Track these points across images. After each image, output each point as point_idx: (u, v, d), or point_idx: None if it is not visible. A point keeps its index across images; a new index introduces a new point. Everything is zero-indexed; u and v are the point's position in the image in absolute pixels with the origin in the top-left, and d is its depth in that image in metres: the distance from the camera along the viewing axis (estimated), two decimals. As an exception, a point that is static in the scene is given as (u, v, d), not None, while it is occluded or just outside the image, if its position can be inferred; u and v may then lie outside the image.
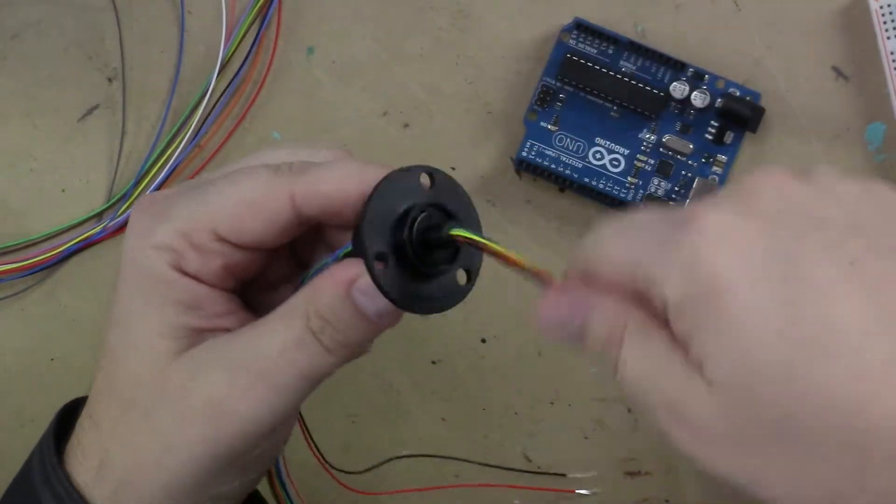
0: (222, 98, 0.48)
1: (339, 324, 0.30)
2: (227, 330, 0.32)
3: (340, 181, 0.30)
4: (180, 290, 0.31)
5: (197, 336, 0.31)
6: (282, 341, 0.30)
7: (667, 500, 0.49)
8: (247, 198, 0.31)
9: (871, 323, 0.23)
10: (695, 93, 0.47)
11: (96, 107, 0.49)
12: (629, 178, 0.47)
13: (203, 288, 0.31)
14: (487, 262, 0.31)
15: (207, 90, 0.48)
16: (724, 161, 0.47)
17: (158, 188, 0.48)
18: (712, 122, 0.47)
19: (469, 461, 0.49)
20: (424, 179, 0.31)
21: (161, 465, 0.31)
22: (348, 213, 0.30)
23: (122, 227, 0.48)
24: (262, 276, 0.34)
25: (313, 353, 0.30)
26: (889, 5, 0.45)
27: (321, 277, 0.30)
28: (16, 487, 0.34)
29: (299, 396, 0.31)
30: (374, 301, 0.30)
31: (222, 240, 0.31)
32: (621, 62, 0.47)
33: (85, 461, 0.32)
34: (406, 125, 0.49)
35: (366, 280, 0.30)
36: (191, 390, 0.30)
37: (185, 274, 0.31)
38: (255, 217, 0.31)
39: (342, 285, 0.30)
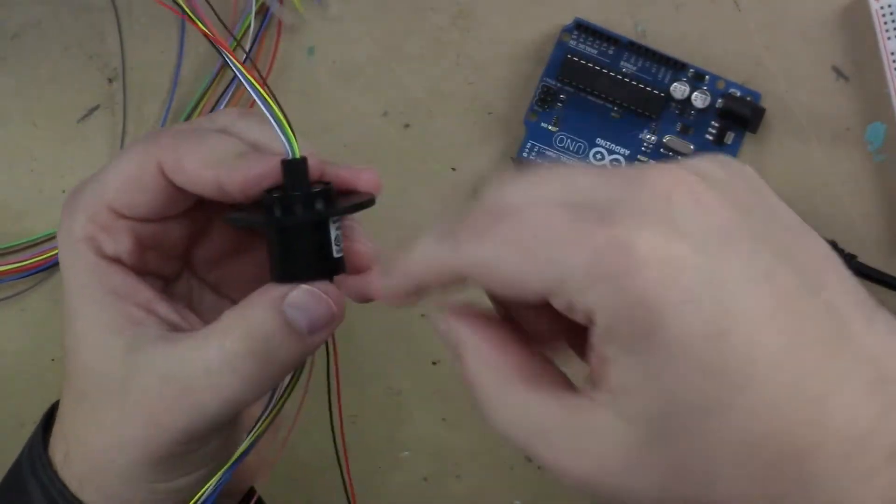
0: (222, 99, 0.48)
1: (269, 343, 0.30)
2: (160, 317, 0.32)
3: (201, 167, 0.31)
4: (109, 277, 0.32)
5: (136, 327, 0.32)
6: (207, 361, 0.30)
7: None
8: (125, 172, 0.31)
9: (789, 343, 0.23)
10: (695, 93, 0.47)
11: (96, 107, 0.49)
12: (629, 179, 0.47)
13: (129, 274, 0.32)
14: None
15: (208, 91, 0.48)
16: (725, 161, 0.47)
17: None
18: (713, 122, 0.47)
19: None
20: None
21: (108, 459, 0.32)
22: (214, 195, 0.31)
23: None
24: (207, 248, 0.35)
25: (237, 378, 0.30)
26: (889, 5, 0.45)
27: (254, 294, 0.30)
28: (8, 478, 0.35)
29: (224, 415, 0.31)
30: (308, 313, 0.30)
31: (122, 216, 0.32)
32: (622, 62, 0.47)
33: (56, 452, 0.33)
34: (406, 125, 0.49)
35: (300, 293, 0.29)
36: (129, 392, 0.31)
37: (108, 258, 0.32)
38: (137, 189, 0.31)
39: (275, 300, 0.30)
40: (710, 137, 0.47)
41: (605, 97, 0.47)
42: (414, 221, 0.48)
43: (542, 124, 0.47)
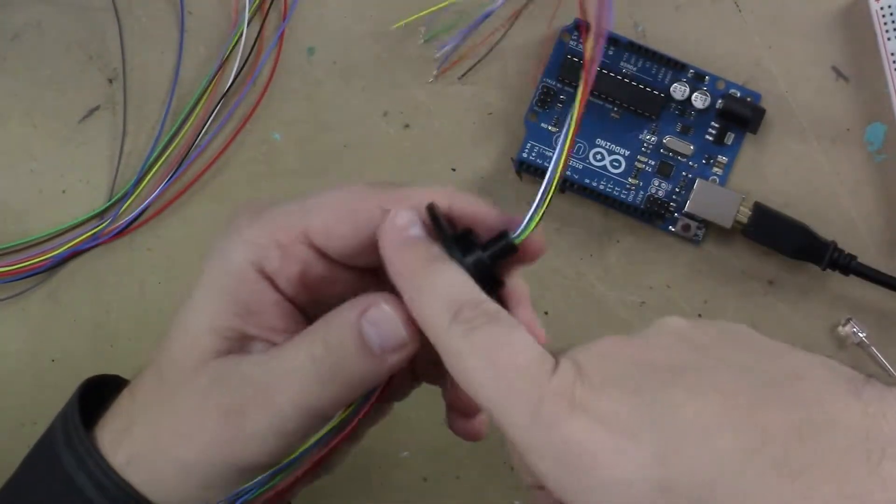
0: (223, 99, 0.48)
1: (341, 353, 0.30)
2: (273, 343, 0.32)
3: (429, 194, 0.31)
4: (249, 289, 0.31)
5: (245, 342, 0.31)
6: (285, 364, 0.30)
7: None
8: (340, 202, 0.31)
9: (743, 451, 0.23)
10: (695, 94, 0.47)
11: (97, 107, 0.49)
12: (630, 180, 0.47)
13: (273, 295, 0.32)
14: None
15: (207, 91, 0.48)
16: (725, 162, 0.47)
17: (162, 192, 0.48)
18: (713, 122, 0.47)
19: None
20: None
21: (174, 453, 0.31)
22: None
23: (123, 229, 0.48)
24: None
25: (307, 382, 0.30)
26: (889, 6, 0.45)
27: (343, 304, 0.30)
28: (37, 450, 0.34)
29: (296, 425, 0.30)
30: (381, 333, 0.29)
31: (309, 245, 0.31)
32: (622, 63, 0.47)
33: (110, 424, 0.32)
34: (406, 125, 0.49)
35: (378, 311, 0.29)
36: (211, 393, 0.31)
37: (262, 274, 0.31)
38: (346, 220, 0.31)
39: (355, 313, 0.30)
40: (710, 138, 0.47)
41: (605, 97, 0.47)
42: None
43: (542, 124, 0.47)
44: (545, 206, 0.29)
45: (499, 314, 0.27)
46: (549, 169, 0.29)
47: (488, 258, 0.29)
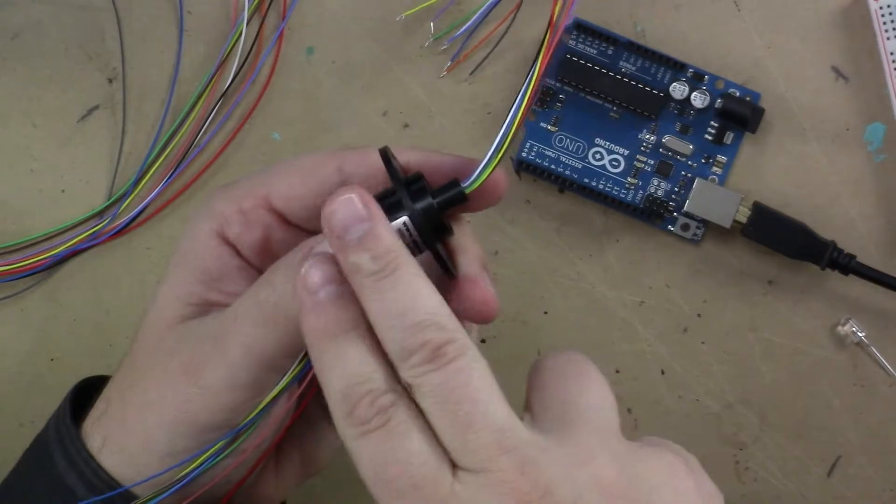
0: (222, 98, 0.48)
1: (285, 293, 0.29)
2: None
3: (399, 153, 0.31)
4: (212, 255, 0.32)
5: (211, 308, 0.32)
6: (236, 310, 0.30)
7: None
8: (299, 166, 0.32)
9: None
10: (694, 93, 0.47)
11: (96, 107, 0.49)
12: (629, 179, 0.47)
13: (236, 261, 0.32)
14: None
15: (206, 90, 0.48)
16: (724, 161, 0.47)
17: (161, 191, 0.48)
18: (712, 122, 0.47)
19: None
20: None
21: (139, 424, 0.31)
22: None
23: (123, 229, 0.48)
24: None
25: (253, 325, 0.30)
26: (889, 5, 0.45)
27: (293, 250, 0.31)
28: (31, 451, 0.34)
29: (247, 375, 0.30)
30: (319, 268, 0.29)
31: (270, 210, 0.32)
32: (621, 62, 0.47)
33: (92, 414, 0.33)
34: (406, 125, 0.49)
35: (321, 248, 0.29)
36: (174, 354, 0.31)
37: (224, 241, 0.32)
38: (304, 184, 0.32)
39: (299, 254, 0.30)
40: (710, 137, 0.47)
41: (605, 97, 0.47)
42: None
43: (542, 124, 0.47)
44: (499, 156, 0.29)
45: (396, 409, 0.27)
46: (510, 115, 0.29)
47: (437, 205, 0.29)
